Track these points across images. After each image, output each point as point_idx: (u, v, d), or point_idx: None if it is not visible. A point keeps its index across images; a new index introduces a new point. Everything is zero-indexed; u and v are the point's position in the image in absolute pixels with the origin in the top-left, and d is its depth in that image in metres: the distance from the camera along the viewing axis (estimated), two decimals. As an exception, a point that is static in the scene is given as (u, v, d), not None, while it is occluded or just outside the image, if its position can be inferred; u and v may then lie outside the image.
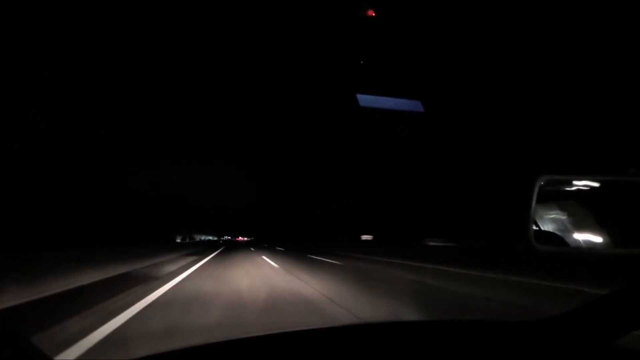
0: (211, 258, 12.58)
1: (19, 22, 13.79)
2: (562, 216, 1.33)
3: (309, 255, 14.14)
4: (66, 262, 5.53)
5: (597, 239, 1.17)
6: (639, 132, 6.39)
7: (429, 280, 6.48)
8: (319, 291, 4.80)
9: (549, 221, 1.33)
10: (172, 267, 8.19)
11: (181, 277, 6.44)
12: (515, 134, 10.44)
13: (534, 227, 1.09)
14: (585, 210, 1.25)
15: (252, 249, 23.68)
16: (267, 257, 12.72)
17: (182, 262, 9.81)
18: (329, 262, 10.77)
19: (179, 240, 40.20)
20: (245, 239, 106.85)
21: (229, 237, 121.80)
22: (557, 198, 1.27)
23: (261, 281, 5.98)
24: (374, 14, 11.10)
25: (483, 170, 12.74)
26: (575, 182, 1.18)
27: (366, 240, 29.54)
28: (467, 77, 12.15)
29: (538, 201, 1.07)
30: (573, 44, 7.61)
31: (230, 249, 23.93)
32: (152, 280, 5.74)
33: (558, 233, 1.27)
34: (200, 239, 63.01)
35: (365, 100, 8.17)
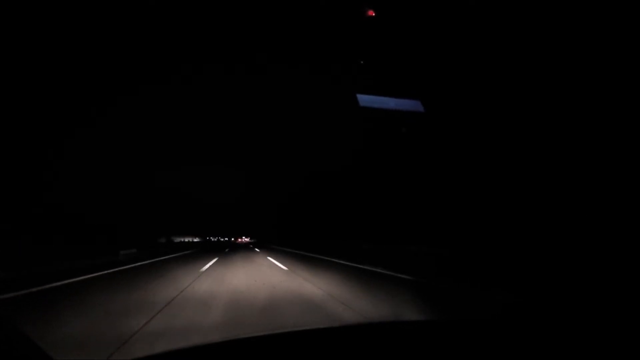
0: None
1: (25, 43, 14.03)
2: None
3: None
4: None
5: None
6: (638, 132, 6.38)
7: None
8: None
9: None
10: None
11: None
12: (515, 134, 10.43)
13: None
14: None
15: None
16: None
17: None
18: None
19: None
20: (247, 239, 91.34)
21: (210, 238, 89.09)
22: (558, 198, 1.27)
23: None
24: (374, 14, 11.11)
25: (482, 170, 12.70)
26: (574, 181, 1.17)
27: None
28: (468, 76, 12.14)
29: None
30: (573, 43, 7.60)
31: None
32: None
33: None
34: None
35: (365, 100, 8.17)
